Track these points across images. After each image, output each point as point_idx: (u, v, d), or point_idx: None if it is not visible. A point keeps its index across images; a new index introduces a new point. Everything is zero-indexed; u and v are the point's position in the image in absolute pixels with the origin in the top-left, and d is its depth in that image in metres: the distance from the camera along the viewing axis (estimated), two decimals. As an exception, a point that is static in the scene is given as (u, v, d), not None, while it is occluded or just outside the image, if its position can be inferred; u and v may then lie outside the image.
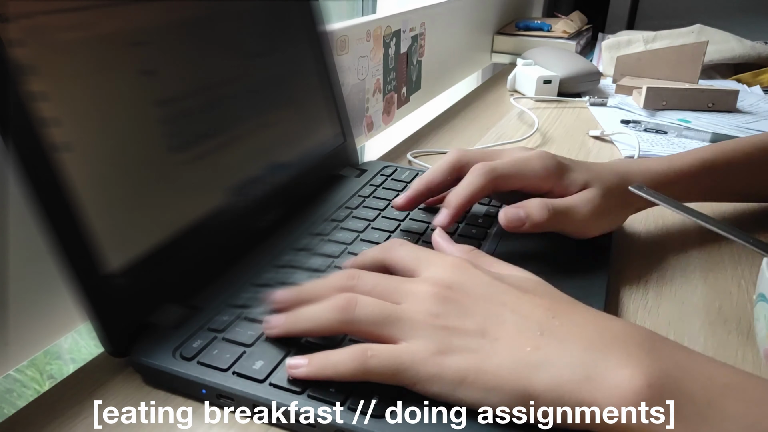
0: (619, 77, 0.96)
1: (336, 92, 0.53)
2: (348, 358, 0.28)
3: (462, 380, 0.27)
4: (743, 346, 0.35)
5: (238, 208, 0.40)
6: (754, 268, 0.44)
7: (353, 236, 0.43)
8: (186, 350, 0.31)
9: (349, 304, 0.29)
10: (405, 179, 0.53)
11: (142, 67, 0.34)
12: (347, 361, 0.28)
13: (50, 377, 0.78)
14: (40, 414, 0.30)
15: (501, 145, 0.69)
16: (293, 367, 0.29)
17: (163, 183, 0.35)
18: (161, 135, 0.35)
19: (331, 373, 0.28)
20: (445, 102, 0.91)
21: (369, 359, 0.28)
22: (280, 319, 0.31)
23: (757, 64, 1.02)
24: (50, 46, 0.29)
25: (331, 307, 0.29)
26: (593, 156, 0.67)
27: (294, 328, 0.31)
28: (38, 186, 0.28)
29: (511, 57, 1.13)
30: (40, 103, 0.28)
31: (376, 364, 0.27)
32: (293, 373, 0.29)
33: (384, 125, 0.73)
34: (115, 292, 0.31)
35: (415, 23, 0.77)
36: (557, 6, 1.52)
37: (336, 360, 0.28)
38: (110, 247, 0.31)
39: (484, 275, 0.31)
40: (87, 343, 0.75)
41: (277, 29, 0.46)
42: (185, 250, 0.35)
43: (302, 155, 0.48)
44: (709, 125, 0.76)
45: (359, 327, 0.29)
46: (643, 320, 0.37)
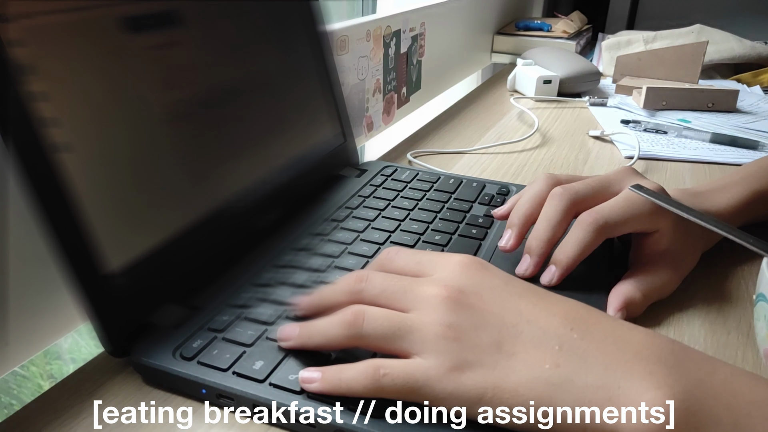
0: (619, 77, 0.96)
1: (336, 92, 0.53)
2: (360, 376, 0.27)
3: (480, 398, 0.26)
4: (743, 346, 0.35)
5: (239, 208, 0.40)
6: (754, 268, 0.44)
7: (353, 236, 0.43)
8: (186, 350, 0.31)
9: (356, 320, 0.29)
10: (405, 179, 0.53)
11: (142, 66, 0.34)
12: (360, 378, 0.27)
13: (50, 377, 0.78)
14: (41, 414, 0.30)
15: (501, 145, 0.69)
16: (306, 381, 0.29)
17: (163, 183, 0.35)
18: (161, 135, 0.35)
19: (345, 390, 0.28)
20: (445, 102, 0.91)
21: (381, 378, 0.27)
22: (293, 332, 0.31)
23: (757, 64, 1.02)
24: (50, 46, 0.29)
25: (339, 323, 0.29)
26: (593, 156, 0.67)
27: (307, 343, 0.30)
28: (38, 186, 0.28)
29: (511, 57, 1.13)
30: (40, 103, 0.28)
31: (389, 382, 0.27)
32: (307, 387, 0.28)
33: (384, 125, 0.73)
34: (115, 292, 0.31)
35: (415, 23, 0.77)
36: (557, 6, 1.52)
37: (349, 377, 0.28)
38: (110, 247, 0.31)
39: (497, 277, 0.30)
40: (87, 343, 0.75)
41: (277, 29, 0.46)
42: (185, 250, 0.35)
43: (302, 155, 0.48)
44: (709, 125, 0.76)
45: (369, 342, 0.28)
46: (643, 320, 0.37)
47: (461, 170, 0.62)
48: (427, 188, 0.51)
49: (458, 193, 0.51)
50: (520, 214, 0.40)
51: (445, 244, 0.42)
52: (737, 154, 0.68)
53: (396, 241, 0.42)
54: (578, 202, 0.39)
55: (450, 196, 0.50)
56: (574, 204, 0.39)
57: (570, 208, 0.39)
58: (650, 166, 0.64)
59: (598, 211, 0.38)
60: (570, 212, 0.39)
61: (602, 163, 0.65)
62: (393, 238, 0.43)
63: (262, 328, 0.33)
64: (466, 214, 0.47)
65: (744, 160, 0.65)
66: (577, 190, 0.39)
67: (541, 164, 0.64)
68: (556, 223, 0.38)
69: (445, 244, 0.42)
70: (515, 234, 0.40)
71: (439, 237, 0.43)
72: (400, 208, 0.47)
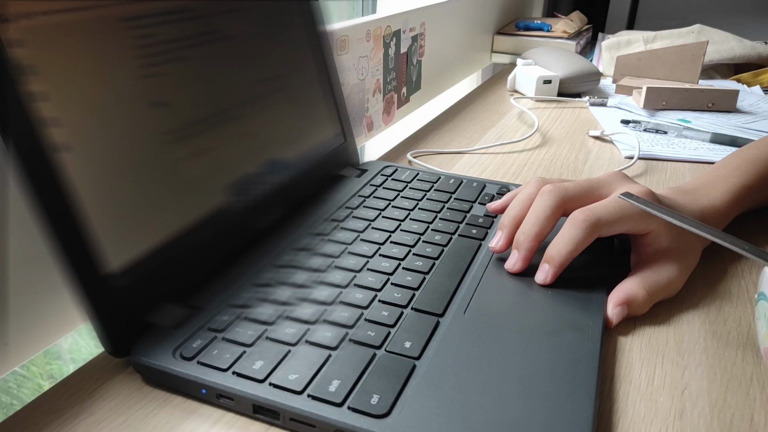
0: (619, 77, 0.96)
1: (336, 92, 0.53)
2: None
3: None
4: (743, 346, 0.35)
5: (239, 208, 0.40)
6: (754, 267, 0.44)
7: (353, 236, 0.43)
8: (186, 350, 0.31)
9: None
10: (405, 179, 0.53)
11: (142, 66, 0.34)
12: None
13: (50, 377, 0.78)
14: (41, 414, 0.30)
15: (501, 145, 0.69)
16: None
17: (164, 183, 0.35)
18: (161, 135, 0.35)
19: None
20: (445, 102, 0.91)
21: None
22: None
23: (757, 64, 1.02)
24: (50, 46, 0.29)
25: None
26: (593, 156, 0.67)
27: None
28: (38, 186, 0.28)
29: (511, 57, 1.13)
30: (40, 103, 0.28)
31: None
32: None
33: (384, 125, 0.73)
34: (115, 291, 0.31)
35: (415, 23, 0.77)
36: (557, 6, 1.52)
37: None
38: (110, 246, 0.31)
39: None
40: (87, 343, 0.75)
41: (278, 29, 0.46)
42: (185, 250, 0.35)
43: (302, 155, 0.48)
44: (709, 125, 0.76)
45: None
46: (643, 320, 0.37)
47: (461, 170, 0.62)
48: (427, 188, 0.51)
49: (458, 193, 0.51)
50: (510, 216, 0.41)
51: (445, 244, 0.42)
52: (737, 154, 0.68)
53: (396, 242, 0.42)
54: (567, 200, 0.40)
55: (450, 196, 0.50)
56: (563, 201, 0.39)
57: (559, 205, 0.39)
58: (650, 166, 0.64)
59: (590, 209, 0.38)
60: (559, 209, 0.39)
61: (602, 163, 0.65)
62: (393, 238, 0.43)
63: (262, 328, 0.33)
64: (466, 214, 0.47)
65: (744, 160, 0.65)
66: (566, 188, 0.40)
67: (541, 164, 0.64)
68: (544, 219, 0.39)
69: (445, 244, 0.42)
70: (505, 235, 0.41)
71: (439, 237, 0.43)
72: (400, 208, 0.47)
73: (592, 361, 0.31)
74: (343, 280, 0.37)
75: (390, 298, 0.36)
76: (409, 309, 0.35)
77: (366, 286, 0.37)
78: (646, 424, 0.30)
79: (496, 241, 0.41)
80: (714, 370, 0.34)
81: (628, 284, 0.38)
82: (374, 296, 0.36)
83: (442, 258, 0.41)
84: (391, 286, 0.37)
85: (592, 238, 0.38)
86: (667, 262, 0.39)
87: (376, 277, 0.38)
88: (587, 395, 0.29)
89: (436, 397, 0.28)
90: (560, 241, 0.38)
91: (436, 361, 0.31)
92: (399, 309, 0.35)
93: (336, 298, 0.35)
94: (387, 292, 0.36)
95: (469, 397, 0.29)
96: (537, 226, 0.39)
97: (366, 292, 0.36)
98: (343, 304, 0.35)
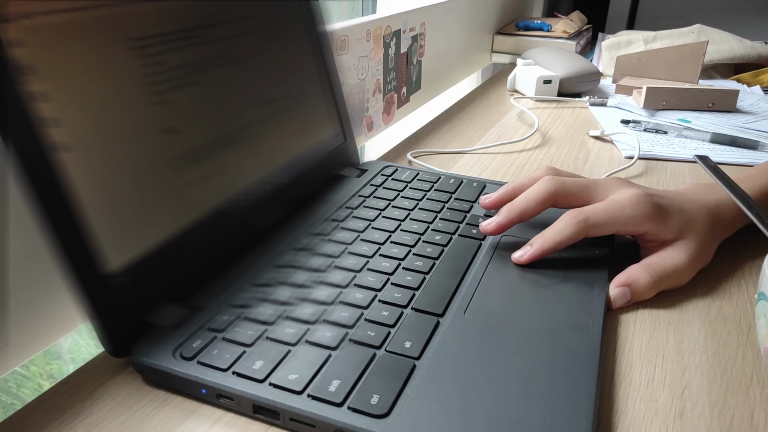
0: (619, 77, 0.96)
1: (336, 92, 0.53)
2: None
3: None
4: (743, 346, 0.35)
5: (239, 207, 0.40)
6: (755, 268, 0.44)
7: (353, 236, 0.43)
8: (186, 350, 0.31)
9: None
10: (405, 179, 0.53)
11: (142, 66, 0.34)
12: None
13: (50, 377, 0.78)
14: (41, 413, 0.30)
15: (501, 145, 0.69)
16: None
17: (163, 183, 0.35)
18: (161, 134, 0.35)
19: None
20: (445, 102, 0.91)
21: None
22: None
23: (757, 64, 1.02)
24: (50, 46, 0.29)
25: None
26: (593, 156, 0.67)
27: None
28: (38, 186, 0.28)
29: (511, 57, 1.13)
30: (40, 103, 0.28)
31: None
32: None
33: (384, 125, 0.73)
34: (115, 291, 0.31)
35: (415, 23, 0.77)
36: (557, 6, 1.52)
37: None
38: (110, 246, 0.31)
39: None
40: (87, 343, 0.75)
41: (277, 29, 0.46)
42: (185, 249, 0.35)
43: (302, 155, 0.48)
44: (709, 125, 0.76)
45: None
46: (643, 320, 0.37)
47: (461, 170, 0.62)
48: (427, 188, 0.51)
49: (458, 193, 0.51)
50: (509, 188, 0.44)
51: (446, 244, 0.42)
52: (737, 154, 0.68)
53: (396, 241, 0.42)
54: (561, 192, 0.41)
55: (450, 196, 0.50)
56: (556, 192, 0.41)
57: (551, 194, 0.41)
58: (650, 166, 0.64)
59: (583, 209, 0.40)
60: (550, 197, 0.41)
61: (602, 162, 0.65)
62: (393, 238, 0.43)
63: (262, 328, 0.33)
64: (467, 214, 0.47)
65: (744, 160, 0.66)
66: (564, 181, 0.42)
67: (541, 164, 0.64)
68: (533, 200, 0.41)
69: (446, 244, 0.42)
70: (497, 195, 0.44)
71: (439, 237, 0.43)
72: (400, 208, 0.47)
73: (592, 361, 0.31)
74: (343, 280, 0.37)
75: (390, 298, 0.36)
76: (409, 309, 0.35)
77: (366, 286, 0.37)
78: (646, 424, 0.30)
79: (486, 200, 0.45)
80: (714, 370, 0.34)
81: (632, 268, 0.39)
82: (374, 296, 0.36)
83: (442, 258, 0.41)
84: (391, 286, 0.37)
85: (580, 235, 0.39)
86: (673, 250, 0.40)
87: (376, 277, 0.38)
88: (587, 395, 0.29)
89: (436, 397, 0.28)
90: (548, 231, 0.40)
91: (436, 361, 0.31)
92: (399, 309, 0.35)
93: (336, 298, 0.35)
94: (387, 292, 0.36)
95: (469, 397, 0.29)
96: (524, 204, 0.41)
97: (366, 292, 0.36)
98: (343, 304, 0.35)
